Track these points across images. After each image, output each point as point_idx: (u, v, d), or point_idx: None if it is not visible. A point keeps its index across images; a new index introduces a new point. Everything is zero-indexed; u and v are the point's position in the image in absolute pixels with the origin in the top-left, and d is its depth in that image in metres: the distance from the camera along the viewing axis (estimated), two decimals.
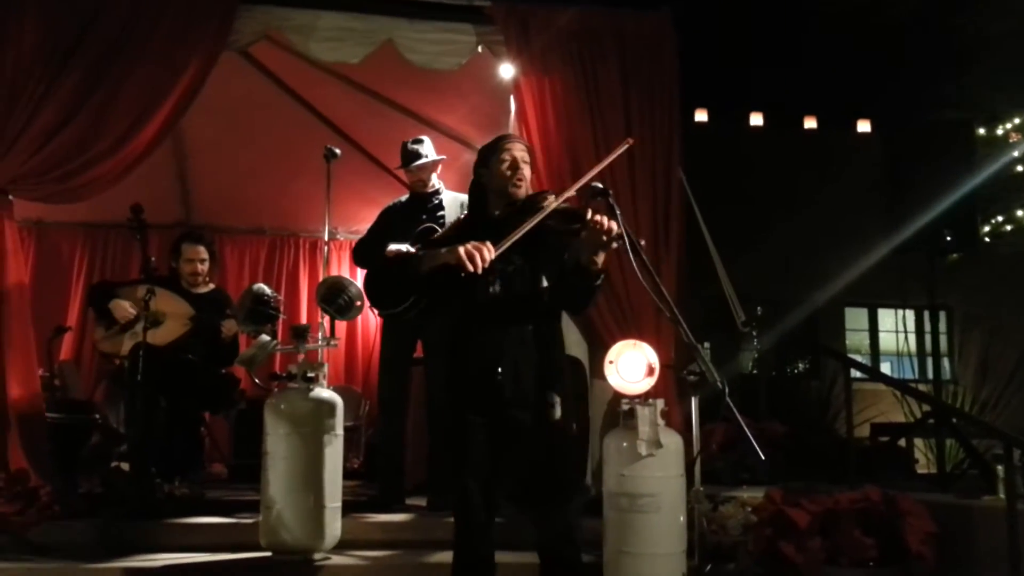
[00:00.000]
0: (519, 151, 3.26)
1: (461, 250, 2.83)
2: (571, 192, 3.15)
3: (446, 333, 5.08)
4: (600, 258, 3.04)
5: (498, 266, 3.02)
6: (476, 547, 3.10)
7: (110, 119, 4.97)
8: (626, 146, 3.32)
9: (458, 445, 3.09)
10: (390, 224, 5.22)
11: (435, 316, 5.01)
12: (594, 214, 2.97)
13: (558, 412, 3.09)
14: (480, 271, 2.84)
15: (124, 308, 5.12)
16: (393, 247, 4.96)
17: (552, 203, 3.05)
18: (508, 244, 2.91)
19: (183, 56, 5.08)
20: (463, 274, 2.84)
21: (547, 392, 3.10)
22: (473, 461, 3.06)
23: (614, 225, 2.95)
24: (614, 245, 2.99)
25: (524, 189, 3.24)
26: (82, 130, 4.93)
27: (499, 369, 3.07)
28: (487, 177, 3.28)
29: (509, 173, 3.22)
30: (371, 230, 5.33)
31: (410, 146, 5.25)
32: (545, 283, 3.20)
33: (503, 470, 3.12)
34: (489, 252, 2.85)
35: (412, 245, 4.99)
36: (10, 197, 4.99)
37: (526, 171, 3.25)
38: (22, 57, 4.88)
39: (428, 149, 5.28)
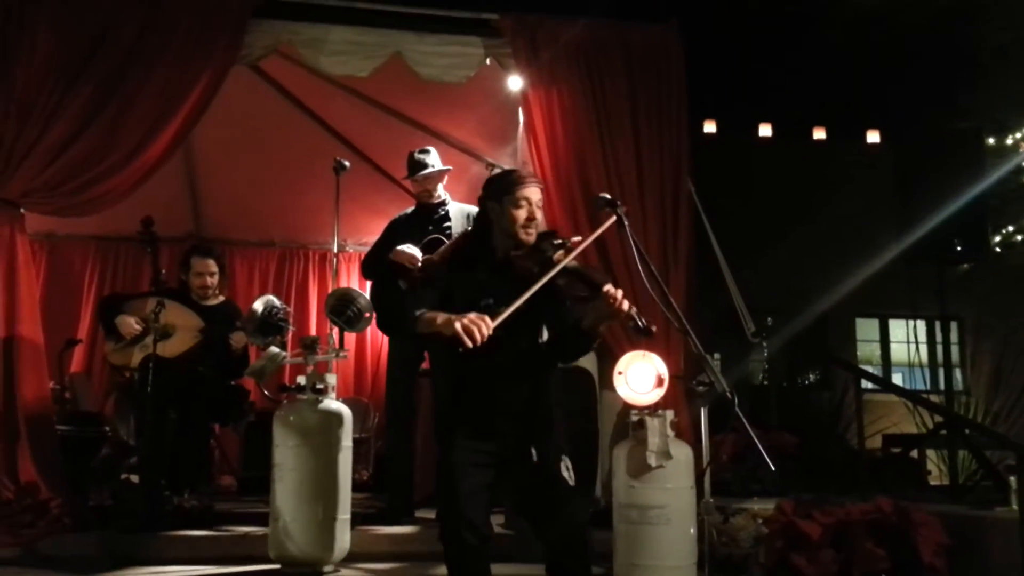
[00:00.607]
0: (536, 197, 3.11)
1: (458, 325, 2.77)
2: (580, 249, 3.04)
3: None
4: (602, 327, 3.00)
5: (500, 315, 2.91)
6: (472, 564, 3.05)
7: (121, 133, 5.00)
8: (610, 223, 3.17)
9: (449, 473, 3.04)
10: (396, 236, 5.23)
11: None
12: (610, 289, 2.90)
13: (572, 478, 3.06)
14: (478, 345, 2.77)
15: (129, 324, 5.12)
16: (399, 248, 4.96)
17: (562, 259, 2.96)
18: (511, 311, 2.84)
19: (194, 70, 5.11)
20: (460, 349, 2.78)
21: (547, 439, 3.07)
22: (464, 488, 2.98)
23: (626, 304, 2.89)
24: (622, 321, 2.93)
25: (535, 236, 3.12)
26: (93, 144, 4.96)
27: (497, 412, 3.03)
28: (497, 214, 3.13)
29: (524, 223, 3.08)
30: (378, 242, 5.34)
31: (416, 156, 5.26)
32: (545, 335, 3.15)
33: (501, 494, 3.08)
34: (487, 327, 2.77)
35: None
36: (22, 210, 5.02)
37: (540, 218, 3.14)
38: (34, 71, 4.91)
39: (434, 159, 5.29)
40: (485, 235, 3.20)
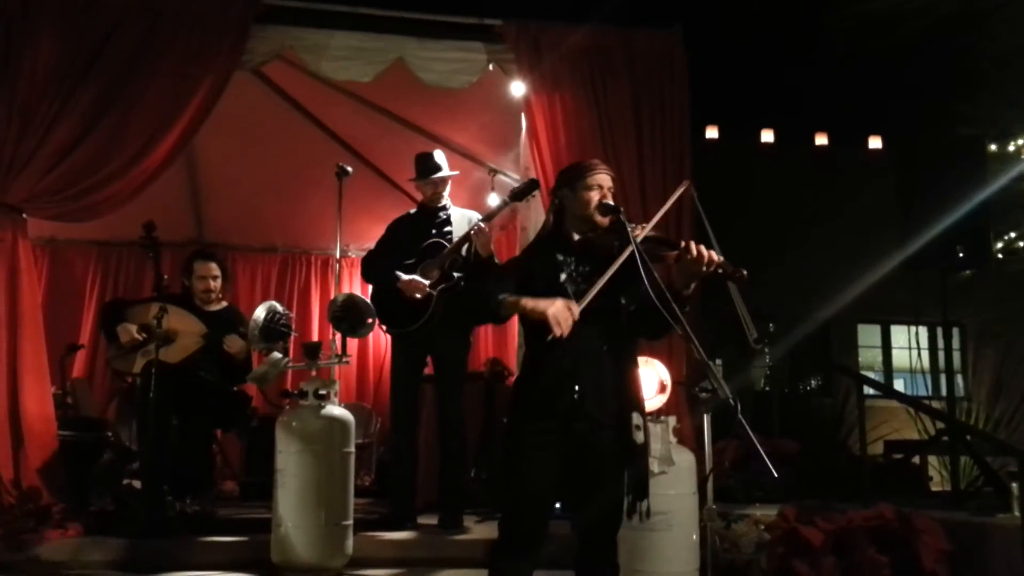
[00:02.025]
0: (608, 183, 3.20)
1: (550, 312, 2.82)
2: (657, 218, 3.15)
3: (458, 350, 5.16)
4: (693, 285, 3.02)
5: (579, 287, 3.01)
6: (516, 556, 3.04)
7: (124, 138, 5.01)
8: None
9: (517, 451, 3.04)
10: (398, 237, 5.23)
11: (446, 333, 5.03)
12: (692, 243, 2.97)
13: (642, 436, 3.06)
14: (567, 334, 2.82)
15: (130, 333, 5.11)
16: (408, 279, 4.95)
17: (640, 233, 3.04)
18: (596, 290, 2.89)
19: (196, 75, 5.13)
20: (548, 337, 2.82)
21: (632, 413, 3.06)
22: (535, 473, 2.99)
23: (713, 254, 2.95)
24: (711, 271, 2.97)
25: (608, 220, 3.18)
26: (96, 149, 4.97)
27: (576, 387, 3.03)
28: (570, 200, 3.20)
29: (597, 203, 3.16)
30: (379, 244, 5.34)
31: (429, 159, 5.25)
32: (623, 301, 3.14)
33: (565, 485, 3.07)
34: (574, 314, 2.83)
35: (419, 261, 5.00)
36: (24, 215, 5.03)
37: (611, 201, 3.20)
38: (36, 77, 4.93)
39: (444, 163, 5.30)
40: (559, 223, 3.26)
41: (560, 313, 2.82)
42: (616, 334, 3.12)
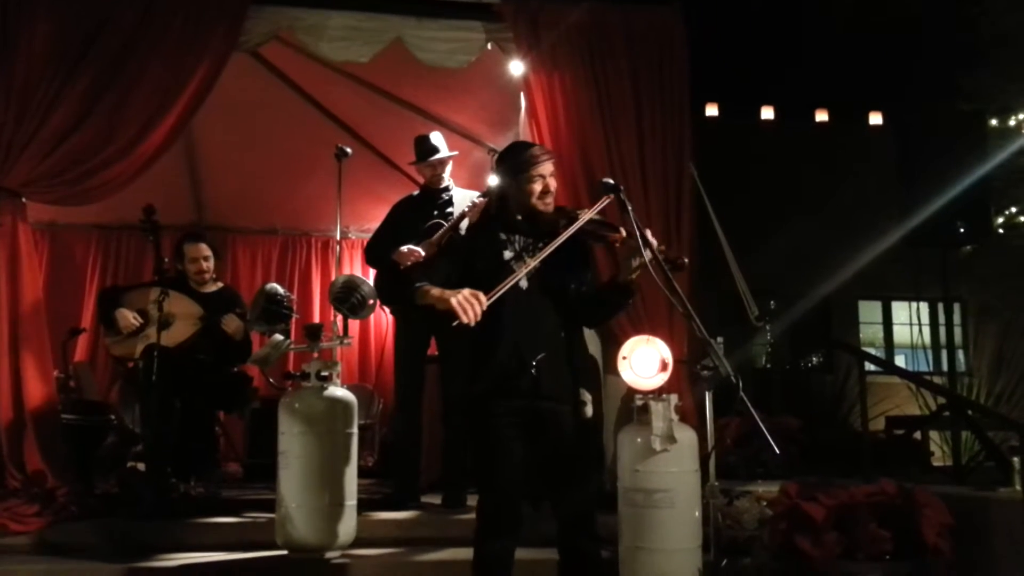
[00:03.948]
0: (549, 170, 3.22)
1: (454, 300, 2.85)
2: (600, 205, 3.17)
3: (460, 330, 5.16)
4: (635, 270, 3.05)
5: (530, 264, 3.06)
6: (501, 539, 3.09)
7: (122, 121, 4.99)
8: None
9: (487, 437, 3.08)
10: (400, 220, 5.23)
11: (448, 313, 5.03)
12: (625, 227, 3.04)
13: (591, 410, 3.16)
14: (473, 323, 2.85)
15: (127, 319, 5.12)
16: (404, 248, 4.96)
17: (585, 214, 3.09)
18: (505, 288, 2.94)
19: (194, 57, 5.10)
20: (454, 323, 2.86)
21: (580, 390, 3.14)
22: (504, 453, 3.05)
23: (650, 237, 3.02)
24: (645, 254, 3.01)
25: (552, 206, 3.24)
26: (94, 133, 4.96)
27: (533, 363, 3.06)
28: (513, 190, 3.22)
29: (539, 195, 3.20)
30: (381, 227, 5.34)
31: (427, 141, 5.25)
32: (571, 284, 3.21)
33: (531, 459, 3.12)
34: (481, 304, 2.86)
35: (420, 242, 5.00)
36: (23, 200, 5.02)
37: (554, 184, 3.23)
38: (34, 61, 4.90)
39: (442, 144, 5.29)
40: (502, 207, 3.28)
41: (465, 302, 2.84)
42: (565, 312, 3.19)
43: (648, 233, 3.05)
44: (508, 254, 3.16)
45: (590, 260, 3.11)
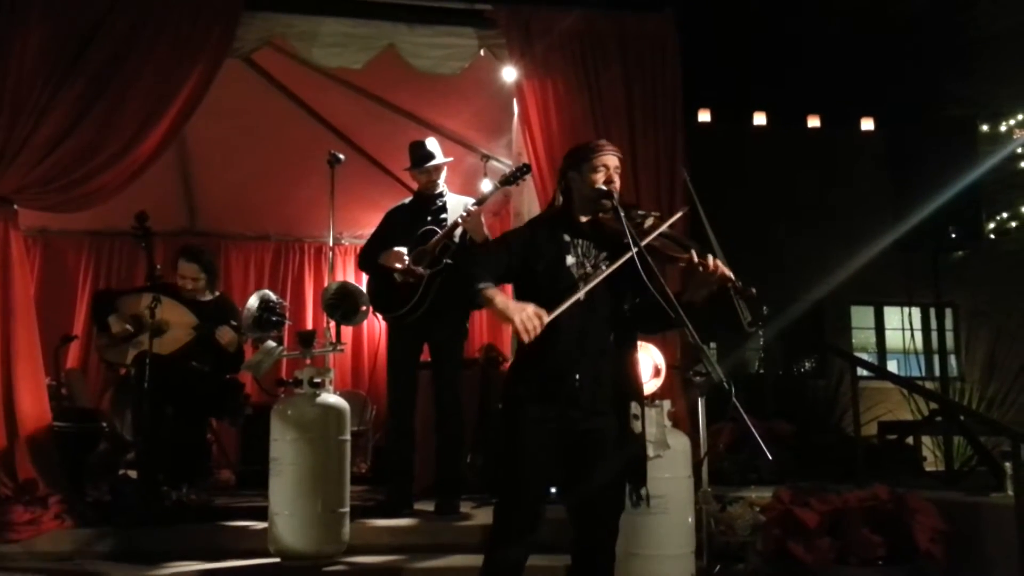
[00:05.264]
0: (614, 164, 3.18)
1: (517, 319, 2.77)
2: (676, 218, 3.16)
3: (453, 337, 5.16)
4: (703, 296, 3.05)
5: (587, 271, 3.05)
6: (514, 545, 3.05)
7: (114, 128, 4.99)
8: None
9: (515, 440, 3.03)
10: (394, 226, 5.22)
11: (441, 320, 5.03)
12: (701, 256, 3.00)
13: (640, 425, 3.07)
14: (530, 340, 2.79)
15: (121, 324, 5.11)
16: (388, 252, 4.97)
17: (657, 225, 3.05)
18: (571, 302, 2.88)
19: (186, 64, 5.10)
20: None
21: (630, 403, 3.07)
22: (529, 458, 2.99)
23: (723, 268, 3.00)
24: (720, 284, 3.02)
25: (617, 189, 3.19)
26: (86, 139, 4.95)
27: (577, 375, 3.03)
28: (577, 182, 3.19)
29: (603, 185, 3.15)
30: (375, 234, 5.34)
31: (422, 147, 5.24)
32: (631, 294, 3.16)
33: (562, 473, 3.08)
34: (542, 323, 2.79)
35: (415, 248, 4.99)
36: (15, 206, 5.01)
37: (618, 182, 3.18)
38: (26, 67, 4.90)
39: (437, 150, 5.29)
40: (567, 204, 3.24)
41: (528, 321, 2.78)
42: (620, 323, 3.12)
43: (715, 263, 3.01)
44: (570, 260, 3.09)
45: (651, 272, 3.02)
